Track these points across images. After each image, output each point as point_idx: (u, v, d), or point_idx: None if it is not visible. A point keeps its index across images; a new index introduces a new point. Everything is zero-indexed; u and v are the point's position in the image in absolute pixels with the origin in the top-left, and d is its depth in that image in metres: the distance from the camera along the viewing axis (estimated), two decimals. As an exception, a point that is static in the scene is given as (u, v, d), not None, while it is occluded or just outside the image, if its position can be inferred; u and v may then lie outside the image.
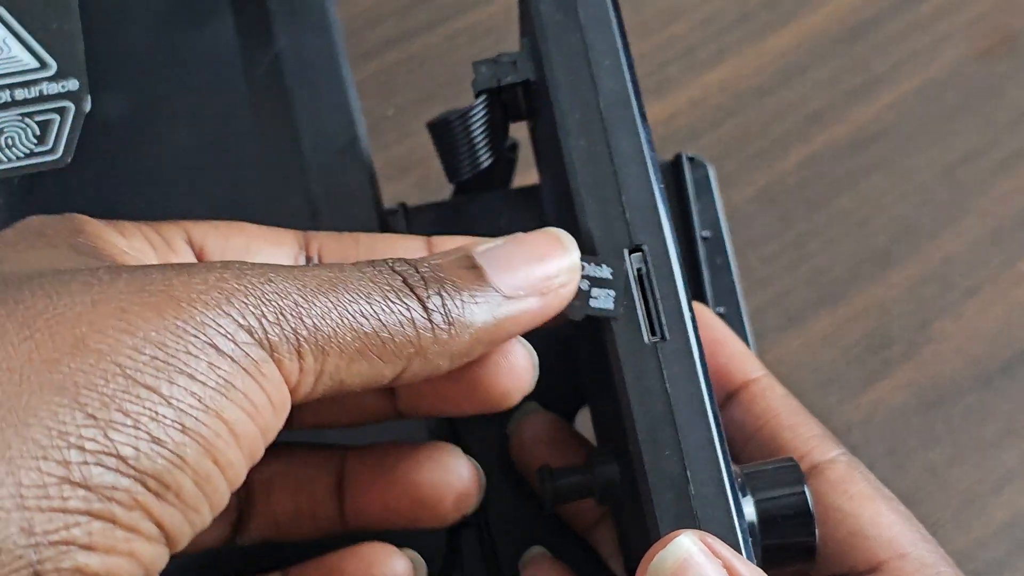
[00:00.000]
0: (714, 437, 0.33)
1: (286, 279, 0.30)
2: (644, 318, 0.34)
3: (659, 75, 0.58)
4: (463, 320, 0.32)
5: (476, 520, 0.42)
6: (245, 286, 0.30)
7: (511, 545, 0.42)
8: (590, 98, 0.36)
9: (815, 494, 0.37)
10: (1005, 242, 0.55)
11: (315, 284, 0.30)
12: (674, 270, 0.34)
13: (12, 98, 0.41)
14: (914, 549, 0.36)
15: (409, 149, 0.55)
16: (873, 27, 0.60)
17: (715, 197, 0.46)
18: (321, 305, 0.30)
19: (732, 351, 0.41)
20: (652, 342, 0.33)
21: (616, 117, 0.35)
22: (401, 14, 0.58)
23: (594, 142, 0.35)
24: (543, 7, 0.37)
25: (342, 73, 0.44)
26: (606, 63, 0.36)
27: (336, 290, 0.31)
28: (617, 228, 0.34)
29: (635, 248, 0.34)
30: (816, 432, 0.39)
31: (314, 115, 0.44)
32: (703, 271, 0.45)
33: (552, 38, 0.36)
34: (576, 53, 0.36)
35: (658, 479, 0.32)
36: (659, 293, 0.34)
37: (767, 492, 0.35)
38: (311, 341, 0.30)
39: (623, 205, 0.35)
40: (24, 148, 0.41)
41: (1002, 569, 0.50)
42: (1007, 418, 0.52)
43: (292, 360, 0.30)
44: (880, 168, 0.57)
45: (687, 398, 0.33)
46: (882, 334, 0.53)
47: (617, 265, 0.34)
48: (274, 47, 0.44)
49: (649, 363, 0.33)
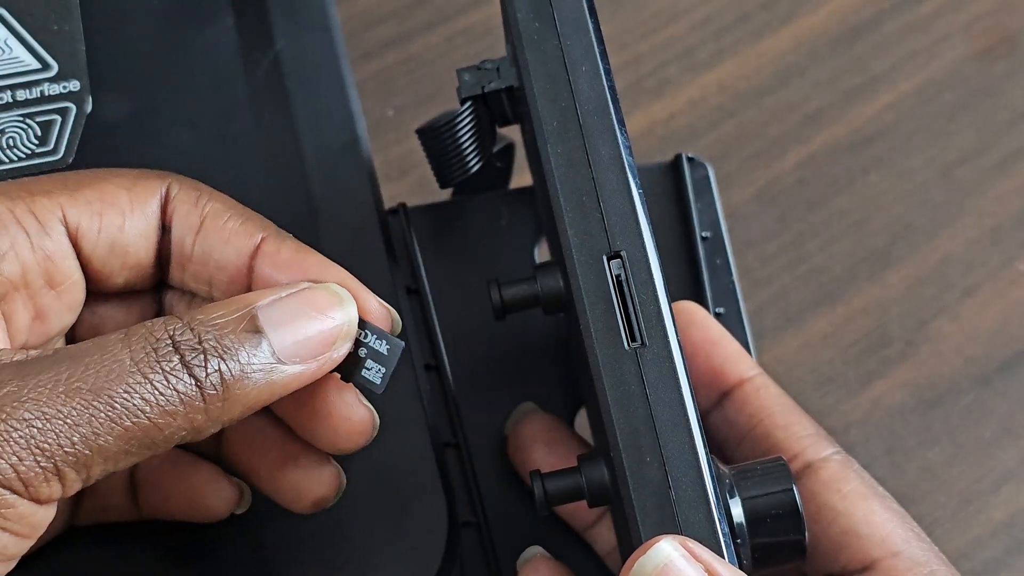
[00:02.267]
0: (696, 442, 0.33)
1: (47, 404, 0.30)
2: (623, 324, 0.34)
3: (658, 75, 0.58)
4: (239, 394, 0.32)
5: (476, 520, 0.42)
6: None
7: (511, 545, 0.42)
8: (568, 105, 0.36)
9: (808, 493, 0.37)
10: (1003, 242, 0.55)
11: (79, 400, 0.30)
12: (653, 276, 0.34)
13: (13, 99, 0.42)
14: (907, 547, 0.36)
15: (409, 149, 0.55)
16: (872, 27, 0.60)
17: (715, 197, 0.46)
18: (84, 424, 0.30)
19: (727, 351, 0.41)
20: (632, 348, 0.34)
21: (594, 124, 0.36)
22: (401, 15, 0.58)
23: (572, 149, 0.35)
24: (520, 14, 0.37)
25: (342, 73, 0.45)
26: (583, 69, 0.36)
27: (101, 400, 0.30)
28: (596, 234, 0.35)
29: (614, 254, 0.34)
30: (810, 431, 0.39)
31: (314, 115, 0.44)
32: (703, 271, 0.45)
33: (529, 45, 0.36)
34: (553, 60, 0.36)
35: (639, 484, 0.33)
36: (638, 299, 0.34)
37: (754, 491, 0.35)
38: (72, 462, 0.30)
39: (602, 212, 0.35)
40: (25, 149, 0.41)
41: (1000, 568, 0.50)
42: (1005, 418, 0.52)
43: (52, 484, 0.30)
44: (879, 168, 0.57)
45: (668, 403, 0.33)
46: (880, 334, 0.54)
47: (395, 344, 0.34)
48: (274, 47, 0.44)
49: (629, 369, 0.33)
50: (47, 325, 0.35)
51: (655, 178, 0.46)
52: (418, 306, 0.44)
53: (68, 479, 0.30)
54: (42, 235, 0.34)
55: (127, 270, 0.36)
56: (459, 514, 0.41)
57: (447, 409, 0.43)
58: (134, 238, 0.36)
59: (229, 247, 0.36)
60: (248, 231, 0.36)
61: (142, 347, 0.31)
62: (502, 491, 0.43)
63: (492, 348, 0.44)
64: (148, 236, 0.36)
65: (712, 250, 0.46)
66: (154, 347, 0.31)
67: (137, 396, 0.31)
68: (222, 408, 0.32)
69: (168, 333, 0.32)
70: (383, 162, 0.55)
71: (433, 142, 0.41)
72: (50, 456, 0.30)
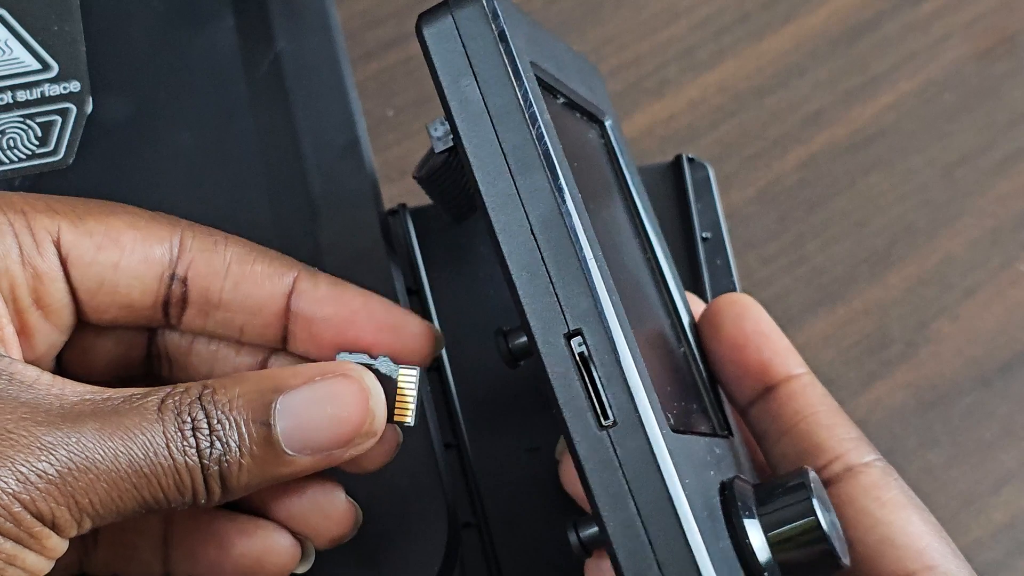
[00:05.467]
0: (680, 517, 0.31)
1: (69, 455, 0.30)
2: (593, 405, 0.32)
3: (658, 76, 0.58)
4: (237, 484, 0.32)
5: (476, 521, 0.42)
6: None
7: (511, 545, 0.42)
8: (504, 175, 0.33)
9: (847, 497, 0.37)
10: (1004, 242, 0.55)
11: (99, 454, 0.30)
12: (618, 350, 0.32)
13: (14, 99, 0.42)
14: (944, 562, 0.36)
15: (409, 150, 0.55)
16: (872, 28, 0.60)
17: (715, 198, 0.46)
18: (100, 480, 0.30)
19: (777, 346, 0.40)
20: (605, 426, 0.32)
21: (533, 188, 0.33)
22: (401, 15, 0.58)
23: (512, 219, 0.33)
24: (445, 83, 0.34)
25: (342, 74, 0.45)
26: (508, 125, 0.33)
27: (117, 465, 0.31)
28: (552, 313, 0.32)
29: (573, 332, 0.32)
30: (853, 435, 0.39)
31: (314, 116, 0.44)
32: (703, 271, 0.45)
33: (459, 120, 0.33)
34: (483, 126, 0.33)
35: (629, 564, 0.31)
36: (604, 377, 0.32)
37: (772, 508, 0.34)
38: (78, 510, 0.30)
39: (554, 288, 0.32)
40: (26, 149, 0.41)
41: (1000, 570, 0.50)
42: (1006, 419, 0.52)
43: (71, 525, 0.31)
44: (879, 168, 0.57)
45: (646, 482, 0.31)
46: (881, 334, 0.53)
47: (411, 372, 0.33)
48: (274, 48, 0.44)
49: (604, 452, 0.32)
50: (33, 342, 0.35)
51: (655, 178, 0.46)
52: (418, 306, 0.44)
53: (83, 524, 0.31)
54: (35, 253, 0.34)
55: (117, 308, 0.36)
56: (459, 515, 0.41)
57: (447, 410, 0.43)
58: (127, 279, 0.35)
59: (263, 291, 0.35)
60: (279, 272, 0.36)
61: (176, 431, 0.31)
62: (502, 492, 0.43)
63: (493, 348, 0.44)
64: (145, 280, 0.35)
65: (712, 250, 0.45)
66: (181, 429, 0.31)
67: (145, 479, 0.31)
68: (220, 493, 0.32)
69: (191, 415, 0.32)
70: (383, 162, 0.55)
71: (433, 188, 0.40)
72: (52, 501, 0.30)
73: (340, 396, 0.33)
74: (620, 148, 0.42)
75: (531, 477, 0.43)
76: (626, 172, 0.42)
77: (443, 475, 0.40)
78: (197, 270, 0.35)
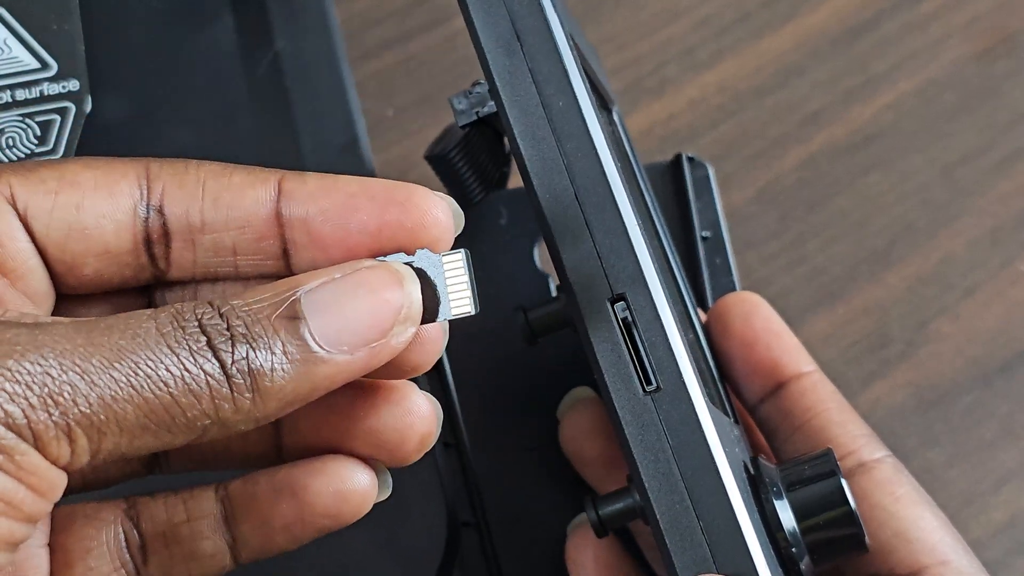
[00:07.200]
0: (723, 481, 0.31)
1: (63, 355, 0.26)
2: (636, 371, 0.32)
3: (658, 75, 0.58)
4: (271, 387, 0.28)
5: (476, 520, 0.42)
6: (9, 368, 0.26)
7: (511, 545, 0.42)
8: (549, 140, 0.33)
9: (860, 491, 0.37)
10: (1004, 242, 0.55)
11: (99, 358, 0.27)
12: (661, 316, 0.32)
13: (13, 98, 0.42)
14: (956, 557, 0.36)
15: (409, 149, 0.55)
16: (872, 27, 0.60)
17: (715, 197, 0.46)
18: (102, 384, 0.27)
19: (787, 344, 0.41)
20: (648, 392, 0.32)
21: (576, 153, 0.33)
22: (400, 15, 0.58)
23: (559, 189, 0.33)
24: (489, 55, 0.34)
25: (342, 73, 0.45)
26: (556, 98, 0.33)
27: (123, 362, 0.27)
28: (596, 278, 0.32)
29: (617, 297, 0.32)
30: (864, 431, 0.39)
31: (314, 115, 0.44)
32: (703, 271, 0.45)
33: (501, 82, 0.33)
34: (528, 95, 0.33)
35: (671, 527, 0.31)
36: (647, 342, 0.32)
37: (801, 485, 0.35)
38: (85, 424, 0.27)
39: (598, 252, 0.32)
40: (25, 148, 0.41)
41: (1000, 569, 0.50)
42: (1005, 418, 0.52)
43: (61, 444, 0.26)
44: (879, 168, 0.57)
45: (690, 446, 0.32)
46: (881, 334, 0.53)
47: (456, 256, 0.30)
48: (274, 47, 0.44)
49: (647, 416, 0.32)
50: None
51: (655, 178, 0.47)
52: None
53: (78, 444, 0.27)
54: None
55: (93, 258, 0.32)
56: (459, 514, 0.41)
57: (447, 408, 0.43)
58: (96, 219, 0.31)
59: (246, 199, 0.31)
60: (260, 177, 0.32)
61: (170, 322, 0.28)
62: (501, 491, 0.43)
63: (493, 347, 0.44)
64: (116, 217, 0.31)
65: (712, 250, 0.45)
66: (182, 325, 0.28)
67: (162, 367, 0.27)
68: (252, 402, 0.28)
69: (197, 316, 0.28)
70: (383, 162, 0.55)
71: (445, 168, 0.40)
72: (64, 411, 0.26)
73: (370, 281, 0.29)
74: (627, 138, 0.42)
75: (530, 476, 0.43)
76: (633, 162, 0.42)
77: (442, 474, 0.40)
78: (171, 195, 0.32)
